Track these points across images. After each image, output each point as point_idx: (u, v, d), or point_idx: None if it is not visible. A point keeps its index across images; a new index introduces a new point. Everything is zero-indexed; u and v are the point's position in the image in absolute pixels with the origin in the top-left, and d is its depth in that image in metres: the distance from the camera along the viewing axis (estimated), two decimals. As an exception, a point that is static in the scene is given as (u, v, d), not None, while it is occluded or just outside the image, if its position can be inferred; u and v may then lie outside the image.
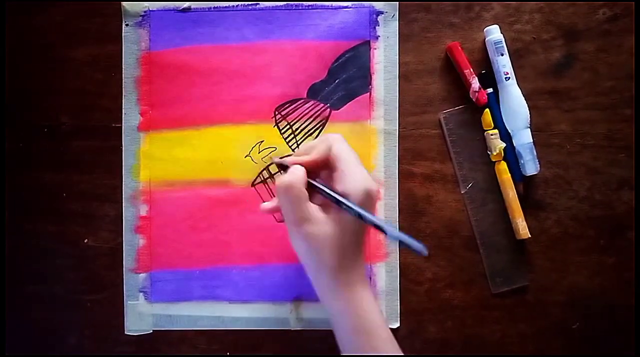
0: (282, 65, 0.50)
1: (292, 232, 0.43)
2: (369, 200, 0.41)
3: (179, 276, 0.51)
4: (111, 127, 0.51)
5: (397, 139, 0.50)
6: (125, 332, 0.51)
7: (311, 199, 0.42)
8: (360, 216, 0.40)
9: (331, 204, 0.42)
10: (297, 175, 0.42)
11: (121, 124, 0.51)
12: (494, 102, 0.49)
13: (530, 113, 0.48)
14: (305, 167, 0.43)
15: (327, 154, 0.43)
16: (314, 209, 0.42)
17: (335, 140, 0.43)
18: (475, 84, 0.49)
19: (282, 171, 0.44)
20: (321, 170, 0.44)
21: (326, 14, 0.50)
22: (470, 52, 0.50)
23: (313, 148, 0.44)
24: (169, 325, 0.51)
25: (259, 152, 0.51)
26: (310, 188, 0.42)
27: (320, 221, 0.42)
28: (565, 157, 0.50)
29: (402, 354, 0.43)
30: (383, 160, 0.50)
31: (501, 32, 0.49)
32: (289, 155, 0.46)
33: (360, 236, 0.42)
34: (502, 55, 0.48)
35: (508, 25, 0.50)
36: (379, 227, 0.39)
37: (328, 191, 0.42)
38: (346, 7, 0.50)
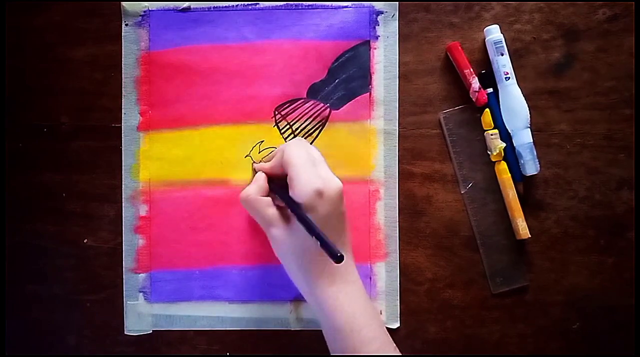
0: (281, 65, 0.50)
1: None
2: (318, 200, 0.41)
3: (178, 276, 0.51)
4: (111, 127, 0.51)
5: (397, 139, 0.50)
6: (125, 333, 0.51)
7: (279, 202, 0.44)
8: (300, 220, 0.41)
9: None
10: (254, 185, 0.44)
11: (121, 124, 0.51)
12: (494, 102, 0.49)
13: (530, 113, 0.48)
14: (267, 175, 0.45)
15: (281, 160, 0.43)
16: (275, 213, 0.43)
17: (287, 146, 0.44)
18: (475, 84, 0.49)
19: None
20: (283, 176, 0.44)
21: (326, 14, 0.50)
22: (470, 52, 0.50)
23: (274, 155, 0.46)
24: (169, 325, 0.51)
25: (259, 152, 0.50)
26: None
27: (280, 223, 0.43)
28: (565, 157, 0.50)
29: (390, 354, 0.42)
30: (383, 160, 0.50)
31: (501, 32, 0.49)
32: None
33: None
34: (502, 55, 0.48)
35: (508, 25, 0.50)
36: (310, 232, 0.40)
37: (279, 197, 0.44)
38: (346, 6, 0.50)
